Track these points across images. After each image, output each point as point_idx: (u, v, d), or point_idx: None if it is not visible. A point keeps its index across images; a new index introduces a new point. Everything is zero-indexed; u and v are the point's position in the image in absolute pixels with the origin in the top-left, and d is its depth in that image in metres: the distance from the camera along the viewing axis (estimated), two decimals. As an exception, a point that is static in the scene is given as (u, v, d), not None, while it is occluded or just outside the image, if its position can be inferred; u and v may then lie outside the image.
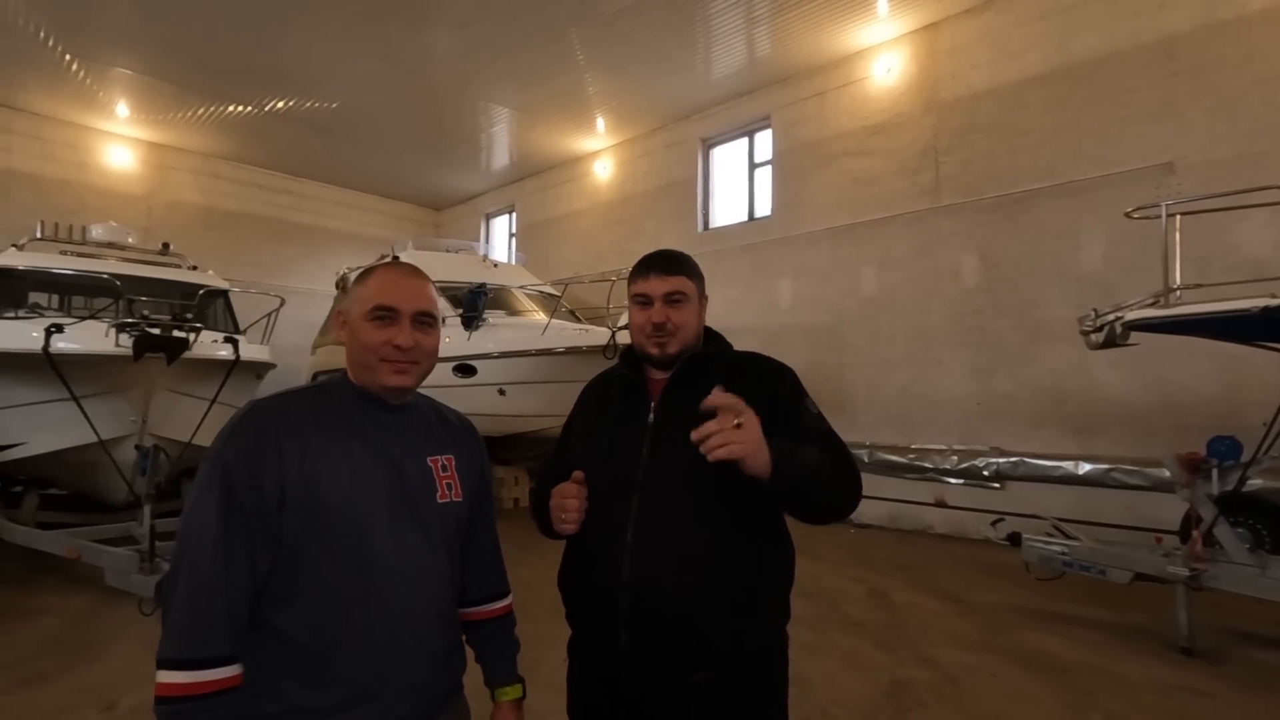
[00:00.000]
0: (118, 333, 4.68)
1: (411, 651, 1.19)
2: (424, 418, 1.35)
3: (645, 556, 1.35)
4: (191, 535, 1.10)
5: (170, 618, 1.07)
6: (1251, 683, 3.55)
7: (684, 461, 1.34)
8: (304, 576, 1.13)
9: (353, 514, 1.16)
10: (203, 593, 1.07)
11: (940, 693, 3.46)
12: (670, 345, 1.47)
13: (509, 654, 1.44)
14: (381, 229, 14.43)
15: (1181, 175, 6.10)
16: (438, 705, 1.25)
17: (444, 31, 8.26)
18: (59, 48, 8.64)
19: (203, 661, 1.04)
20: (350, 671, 1.13)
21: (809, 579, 5.53)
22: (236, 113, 10.65)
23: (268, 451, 1.14)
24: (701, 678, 1.34)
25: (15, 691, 3.40)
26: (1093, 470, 6.37)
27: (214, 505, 1.10)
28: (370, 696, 1.14)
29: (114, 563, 4.35)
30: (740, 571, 1.36)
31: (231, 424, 1.18)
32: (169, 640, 1.06)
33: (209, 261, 8.58)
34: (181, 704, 1.02)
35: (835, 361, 8.35)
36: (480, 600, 1.42)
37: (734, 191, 10.21)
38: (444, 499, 1.28)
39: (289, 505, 1.12)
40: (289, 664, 1.12)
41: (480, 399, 7.27)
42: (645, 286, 1.50)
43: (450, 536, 1.30)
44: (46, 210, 9.52)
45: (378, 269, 1.31)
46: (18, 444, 5.49)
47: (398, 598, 1.18)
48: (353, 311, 1.25)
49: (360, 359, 1.25)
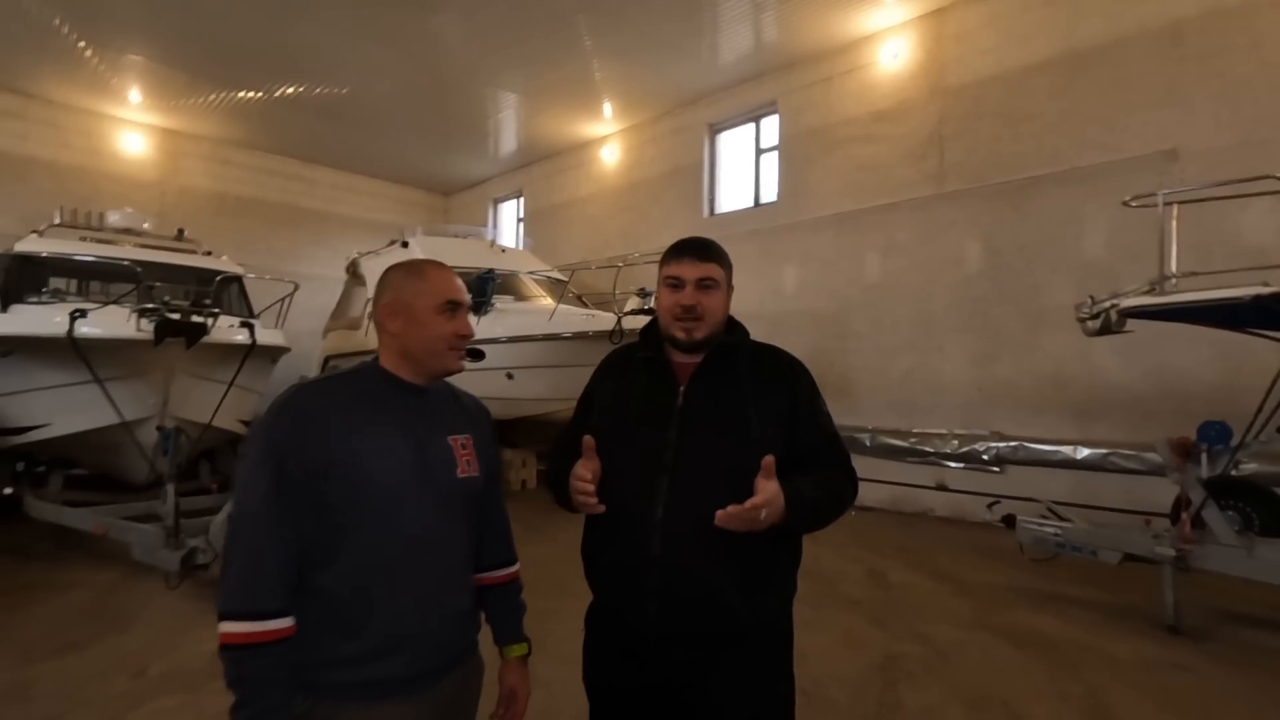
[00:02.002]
0: (139, 318, 4.84)
1: (435, 609, 1.33)
2: (443, 401, 1.48)
3: (674, 534, 1.43)
4: (247, 504, 1.23)
5: (230, 576, 1.20)
6: (1233, 659, 3.67)
7: (711, 447, 1.47)
8: (344, 541, 1.26)
9: (386, 486, 1.28)
10: (258, 554, 1.20)
11: (930, 666, 3.60)
12: (698, 330, 1.53)
13: (516, 616, 1.58)
14: (391, 214, 14.55)
15: (1185, 162, 6.12)
16: (456, 658, 1.39)
17: (452, 18, 8.32)
18: (73, 35, 8.75)
19: (260, 614, 1.17)
20: (383, 625, 1.26)
21: (809, 559, 5.60)
22: (247, 99, 10.75)
23: (312, 429, 1.26)
24: (721, 646, 1.46)
25: (50, 659, 3.60)
26: (1091, 455, 6.47)
27: (265, 477, 1.22)
28: (399, 648, 1.27)
29: (141, 539, 4.55)
30: (758, 550, 1.45)
31: (279, 405, 1.29)
32: (230, 596, 1.19)
33: (221, 247, 8.73)
34: (243, 651, 1.16)
35: (839, 347, 8.44)
36: (491, 567, 1.55)
37: (740, 177, 10.25)
38: (464, 474, 1.41)
39: (331, 477, 1.24)
40: (330, 619, 1.25)
41: (489, 383, 7.40)
42: (678, 270, 1.55)
43: (469, 508, 1.43)
44: (62, 196, 9.71)
45: (427, 267, 1.42)
46: (42, 425, 5.70)
47: (424, 562, 1.32)
48: (417, 305, 1.37)
49: (429, 348, 1.38)
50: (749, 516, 1.33)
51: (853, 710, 3.12)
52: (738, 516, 1.33)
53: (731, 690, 1.46)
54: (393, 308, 1.39)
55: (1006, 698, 3.23)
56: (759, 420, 1.50)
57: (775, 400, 1.54)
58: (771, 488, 1.36)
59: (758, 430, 1.49)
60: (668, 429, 1.50)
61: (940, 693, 3.30)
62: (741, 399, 1.53)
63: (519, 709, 1.52)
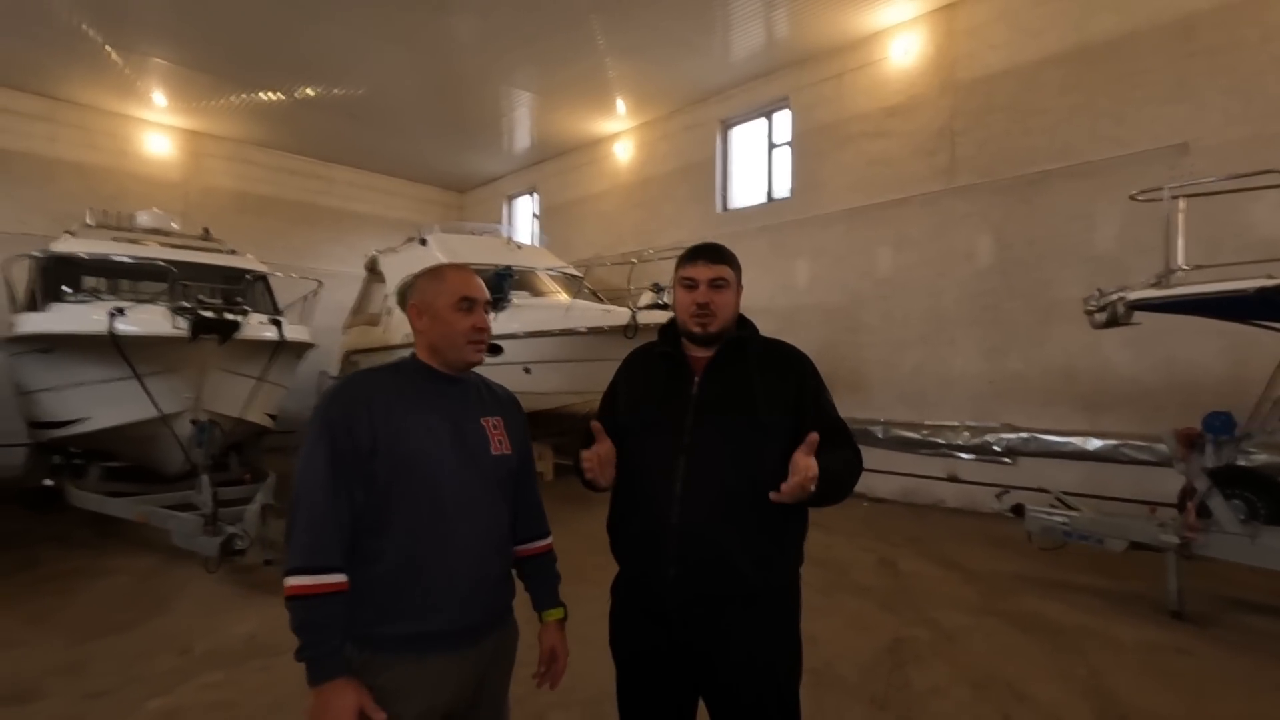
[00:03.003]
0: (175, 316, 5.05)
1: (474, 573, 1.50)
2: (476, 389, 1.66)
3: (692, 507, 1.60)
4: (307, 478, 1.40)
5: (294, 540, 1.38)
6: (1234, 643, 3.77)
7: (724, 430, 1.65)
8: (392, 510, 1.44)
9: (428, 461, 1.47)
10: (318, 521, 1.38)
11: (937, 649, 3.73)
12: (711, 325, 1.71)
13: (552, 584, 1.75)
14: (408, 212, 14.76)
15: (1196, 156, 6.16)
16: (494, 619, 1.56)
17: (467, 18, 8.46)
18: (100, 40, 8.99)
19: (319, 569, 1.35)
20: (429, 586, 1.44)
21: (821, 549, 5.80)
22: (268, 100, 10.97)
23: (361, 412, 1.44)
24: (735, 608, 1.62)
25: (100, 639, 3.81)
26: (1102, 446, 6.52)
27: (323, 454, 1.40)
28: (444, 606, 1.45)
29: (181, 526, 4.77)
30: (767, 521, 1.62)
31: (332, 392, 1.49)
32: (295, 555, 1.37)
33: (244, 245, 8.94)
34: (305, 601, 1.34)
35: (850, 341, 8.54)
36: (527, 539, 1.72)
37: (752, 173, 10.34)
38: (498, 452, 1.59)
39: (379, 453, 1.43)
40: (383, 580, 1.42)
41: (507, 377, 7.47)
42: (693, 271, 1.74)
43: (504, 482, 1.61)
44: (90, 197, 10.01)
45: (446, 270, 1.61)
46: (82, 419, 5.93)
47: (464, 529, 1.49)
48: (438, 304, 1.55)
49: (449, 342, 1.55)
50: (801, 487, 1.46)
51: (862, 688, 3.26)
52: (791, 492, 1.47)
53: (746, 647, 1.62)
54: (419, 308, 1.58)
55: (1010, 678, 3.36)
56: (767, 407, 1.67)
57: (783, 389, 1.70)
58: (814, 462, 1.49)
59: (766, 416, 1.66)
60: (685, 415, 1.68)
61: (946, 673, 3.43)
62: (750, 388, 1.69)
63: (559, 667, 1.69)
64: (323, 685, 1.32)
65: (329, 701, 1.32)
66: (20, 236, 9.29)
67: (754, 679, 1.64)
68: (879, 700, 3.15)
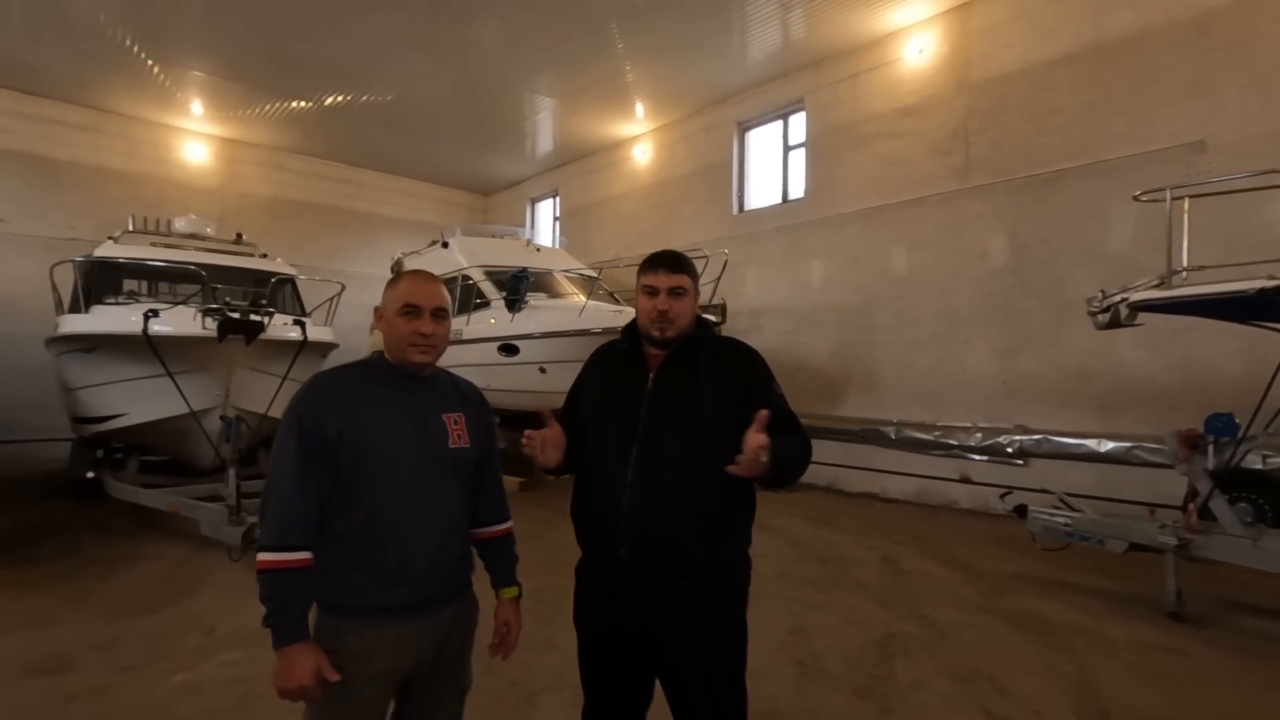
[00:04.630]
0: (204, 317, 5.33)
1: (432, 551, 1.66)
2: (443, 386, 1.81)
3: (640, 492, 1.73)
4: (278, 467, 1.57)
5: (267, 521, 1.55)
6: (1229, 645, 3.76)
7: (673, 422, 1.79)
8: (355, 495, 1.60)
9: (388, 452, 1.62)
10: (286, 505, 1.54)
11: (926, 644, 3.79)
12: (669, 330, 1.84)
13: (509, 565, 1.90)
14: (433, 215, 15.12)
15: (1213, 154, 6.08)
16: (452, 593, 1.73)
17: (490, 25, 8.69)
18: (143, 54, 9.45)
19: (286, 547, 1.52)
20: (391, 562, 1.60)
21: (824, 546, 5.88)
22: (299, 108, 11.39)
23: (329, 406, 1.60)
24: (683, 585, 1.75)
25: (133, 619, 4.08)
26: (1115, 448, 6.47)
27: (293, 445, 1.56)
28: (403, 580, 1.61)
29: (208, 516, 5.05)
30: (713, 505, 1.75)
31: (303, 388, 1.66)
32: (266, 534, 1.54)
33: (276, 248, 9.32)
34: (273, 574, 1.51)
35: (865, 341, 8.55)
36: (487, 523, 1.87)
37: (768, 174, 10.41)
38: (456, 445, 1.73)
39: (344, 445, 1.58)
40: (350, 556, 1.59)
41: (523, 376, 7.80)
42: (653, 280, 1.85)
43: (460, 472, 1.75)
44: (133, 203, 10.52)
45: (404, 277, 1.75)
46: (121, 414, 6.28)
47: (422, 512, 1.65)
48: (389, 309, 1.71)
49: (395, 343, 1.70)
50: (754, 460, 1.55)
51: (845, 679, 3.35)
52: (745, 464, 1.57)
53: (695, 627, 1.75)
54: (379, 312, 1.75)
55: (995, 673, 3.41)
56: (715, 401, 1.80)
57: (731, 386, 1.83)
58: (764, 437, 1.58)
59: (713, 410, 1.78)
60: (640, 408, 1.82)
61: (932, 667, 3.50)
62: (700, 384, 1.82)
63: (512, 639, 1.85)
64: (286, 648, 1.48)
65: (291, 662, 1.47)
66: (70, 242, 9.81)
67: (702, 658, 1.76)
68: (861, 690, 3.24)
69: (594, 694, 1.91)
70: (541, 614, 4.11)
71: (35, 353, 7.54)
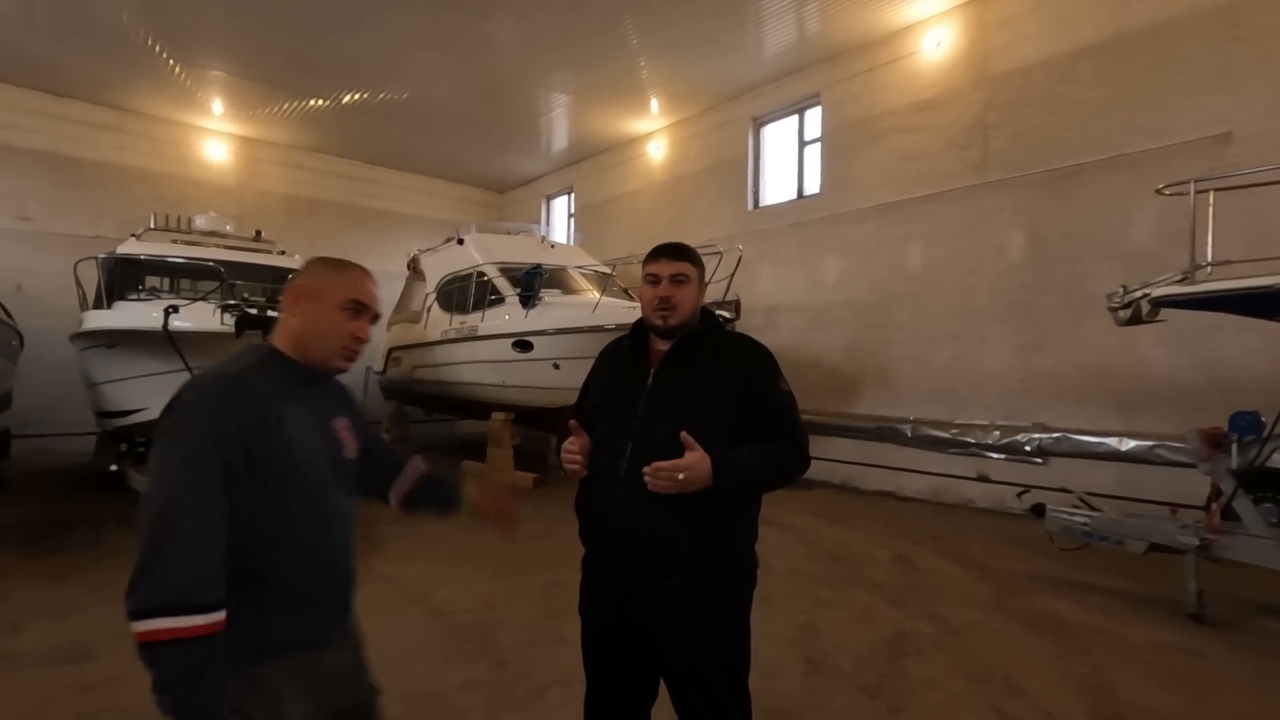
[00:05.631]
0: (222, 313, 5.41)
1: (342, 573, 1.49)
2: (331, 388, 1.57)
3: (632, 487, 1.70)
4: (188, 491, 1.18)
5: (161, 567, 1.13)
6: (1250, 647, 3.68)
7: (669, 417, 1.76)
8: (281, 525, 1.31)
9: (316, 470, 1.38)
10: (202, 545, 1.16)
11: (939, 644, 3.75)
12: (671, 318, 1.83)
13: (447, 483, 1.80)
14: (449, 212, 15.21)
15: (1240, 146, 5.95)
16: (348, 613, 1.55)
17: (505, 23, 8.71)
18: (164, 54, 9.58)
19: (196, 607, 1.13)
20: (322, 594, 1.42)
21: (837, 544, 5.84)
22: (317, 106, 11.49)
23: (256, 419, 1.27)
24: (675, 582, 1.73)
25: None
26: (1137, 447, 6.35)
27: (210, 464, 1.19)
28: (331, 608, 1.46)
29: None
30: (708, 502, 1.70)
31: (217, 392, 1.28)
32: (163, 588, 1.12)
33: (294, 246, 9.43)
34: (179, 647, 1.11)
35: (880, 338, 8.47)
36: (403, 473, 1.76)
37: (784, 170, 10.33)
38: (350, 455, 1.53)
39: (274, 466, 1.27)
40: (277, 597, 1.32)
41: (537, 373, 7.83)
42: (655, 268, 1.86)
43: (354, 484, 1.56)
44: (155, 201, 10.70)
45: (347, 266, 1.51)
46: (142, 409, 6.39)
47: (340, 536, 1.46)
48: (327, 296, 1.42)
49: (323, 340, 1.43)
50: (670, 478, 1.61)
51: (855, 678, 3.33)
52: (660, 476, 1.61)
53: (688, 624, 1.74)
54: (305, 292, 1.44)
55: (1009, 673, 3.37)
56: (714, 399, 1.78)
57: (732, 382, 1.81)
58: (693, 456, 1.62)
59: (711, 406, 1.76)
60: (638, 403, 1.82)
61: (944, 666, 3.46)
62: (699, 380, 1.80)
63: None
64: None
65: None
66: (94, 239, 10.00)
67: (697, 654, 1.74)
68: (871, 689, 3.21)
69: (595, 682, 1.92)
70: (553, 609, 4.14)
71: (61, 348, 7.70)
